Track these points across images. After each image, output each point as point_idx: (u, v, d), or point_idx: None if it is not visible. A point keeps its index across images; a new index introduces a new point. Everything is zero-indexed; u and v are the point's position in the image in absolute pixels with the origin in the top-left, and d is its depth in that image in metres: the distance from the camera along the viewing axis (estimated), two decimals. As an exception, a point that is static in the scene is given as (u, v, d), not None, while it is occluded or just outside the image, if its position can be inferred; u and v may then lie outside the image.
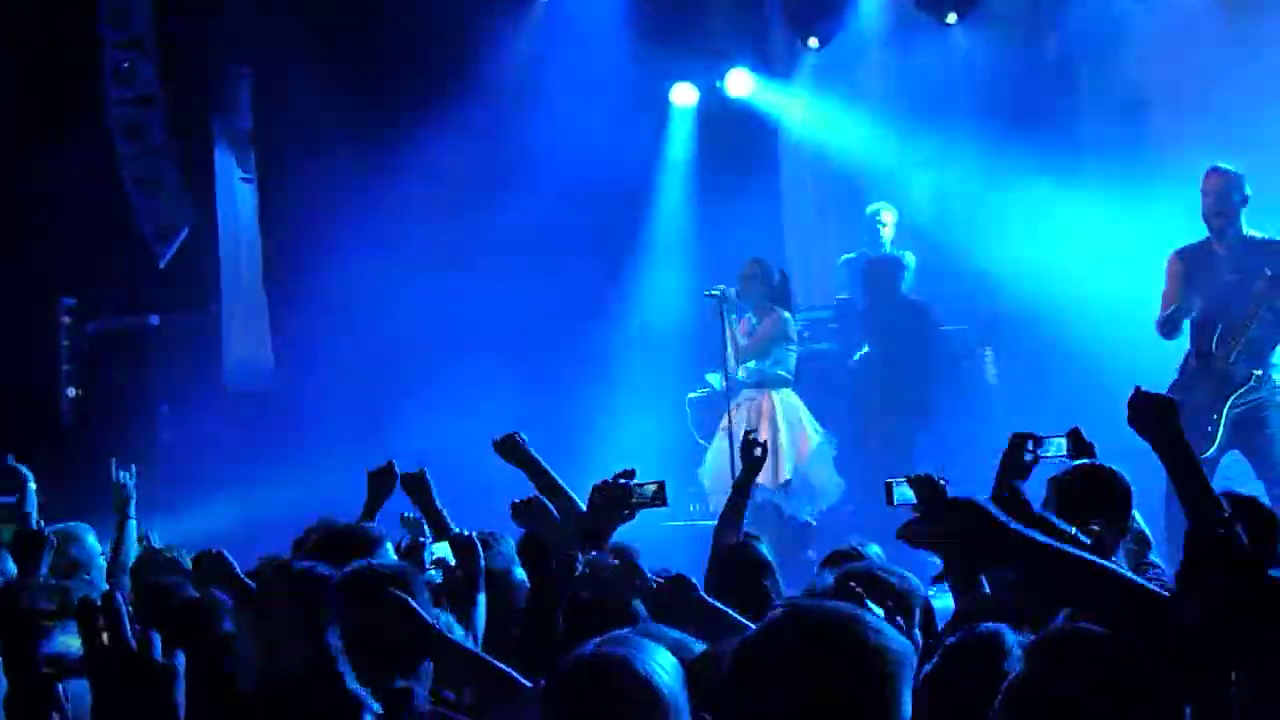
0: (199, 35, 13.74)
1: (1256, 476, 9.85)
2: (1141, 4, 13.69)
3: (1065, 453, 6.50)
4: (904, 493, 6.66)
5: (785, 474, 12.44)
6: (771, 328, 12.60)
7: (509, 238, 14.25)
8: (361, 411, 13.46)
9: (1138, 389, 4.96)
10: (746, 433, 8.13)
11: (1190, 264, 10.43)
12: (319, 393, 13.65)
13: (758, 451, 7.51)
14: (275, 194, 14.24)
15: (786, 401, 12.71)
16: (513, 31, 14.80)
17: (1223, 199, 10.23)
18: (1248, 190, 10.26)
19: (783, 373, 12.72)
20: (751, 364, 12.61)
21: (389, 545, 6.36)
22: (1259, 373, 10.05)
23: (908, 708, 3.18)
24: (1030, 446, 6.33)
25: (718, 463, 12.40)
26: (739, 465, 7.98)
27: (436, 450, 7.76)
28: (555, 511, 6.84)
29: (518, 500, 6.82)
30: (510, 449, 7.52)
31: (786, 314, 12.72)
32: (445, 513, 7.35)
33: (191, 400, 13.76)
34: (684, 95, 15.16)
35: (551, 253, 14.35)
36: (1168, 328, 10.44)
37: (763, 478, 10.73)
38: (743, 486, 7.50)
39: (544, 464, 7.40)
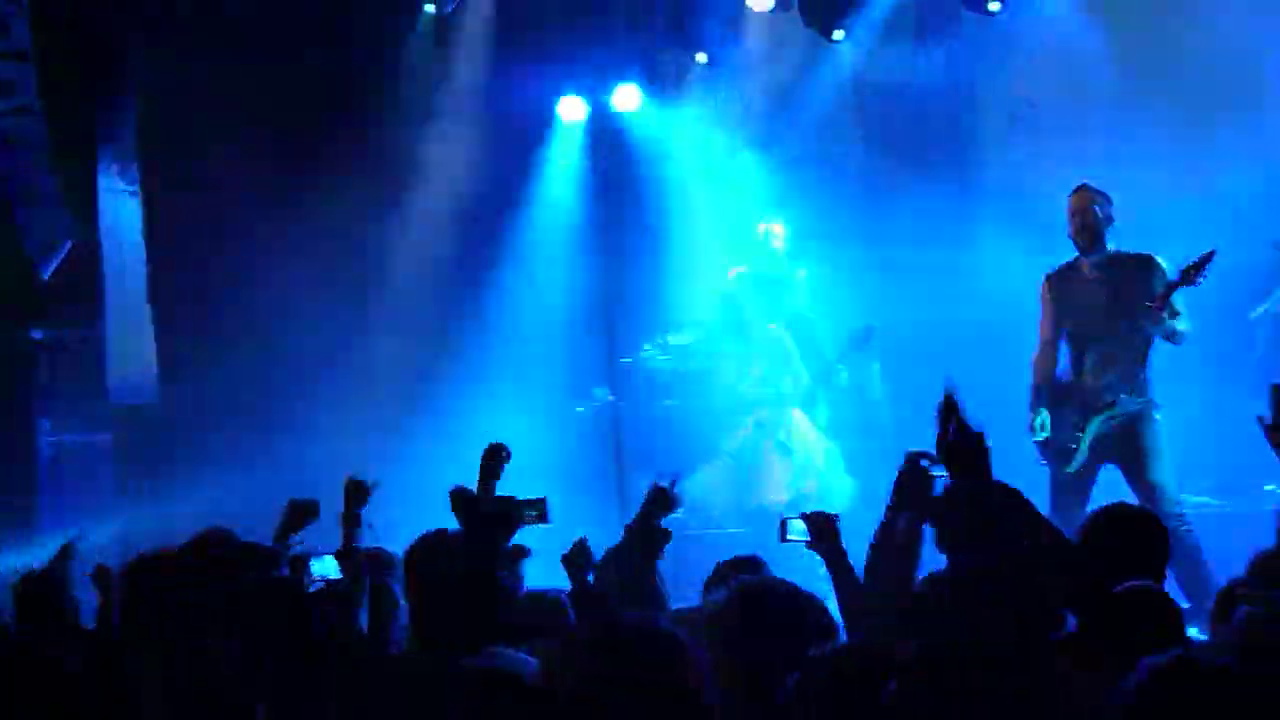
0: (81, 46, 13.58)
1: (1131, 490, 9.91)
2: (1022, 17, 13.83)
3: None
4: (797, 528, 6.67)
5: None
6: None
7: (399, 254, 14.20)
8: (247, 427, 13.33)
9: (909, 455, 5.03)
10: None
11: (1060, 286, 10.51)
12: (204, 407, 13.52)
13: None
14: (160, 208, 14.09)
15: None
16: (403, 46, 14.74)
17: (1088, 218, 10.31)
18: (1113, 209, 10.35)
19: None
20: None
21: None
22: (1128, 394, 10.14)
23: None
24: (926, 464, 6.36)
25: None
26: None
27: (322, 465, 7.68)
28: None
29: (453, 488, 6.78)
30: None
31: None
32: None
33: (74, 415, 13.61)
34: (572, 110, 15.14)
35: (439, 267, 14.29)
36: (1038, 370, 10.55)
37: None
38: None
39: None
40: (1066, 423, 10.12)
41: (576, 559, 6.50)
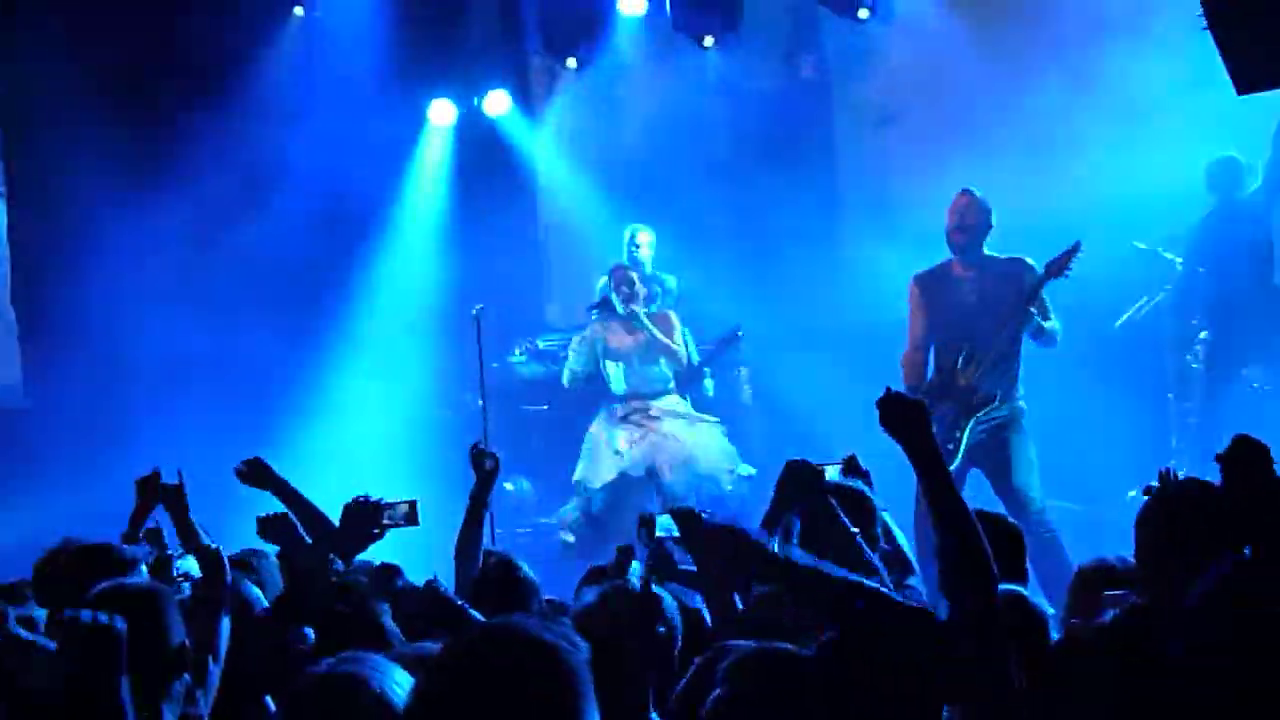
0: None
1: (995, 495, 10.00)
2: (890, 26, 13.94)
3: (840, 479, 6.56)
4: (664, 523, 6.69)
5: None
6: (678, 323, 12.80)
7: (264, 256, 14.06)
8: (109, 430, 13.16)
9: (888, 389, 5.01)
10: (474, 445, 7.76)
11: (930, 288, 10.60)
12: (67, 411, 13.36)
13: (489, 464, 7.43)
14: (24, 210, 13.92)
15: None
16: (272, 45, 14.59)
17: (968, 218, 10.40)
18: (993, 219, 10.46)
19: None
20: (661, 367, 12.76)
21: (143, 566, 6.26)
22: (1000, 393, 10.24)
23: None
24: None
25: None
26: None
27: (187, 472, 7.61)
28: (302, 529, 6.78)
29: (263, 515, 6.74)
30: (255, 473, 7.46)
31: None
32: (197, 525, 7.22)
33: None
34: (442, 113, 15.06)
35: (305, 270, 14.18)
36: (909, 371, 10.63)
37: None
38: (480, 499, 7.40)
39: (291, 485, 7.34)
40: (944, 421, 10.17)
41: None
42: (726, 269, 13.77)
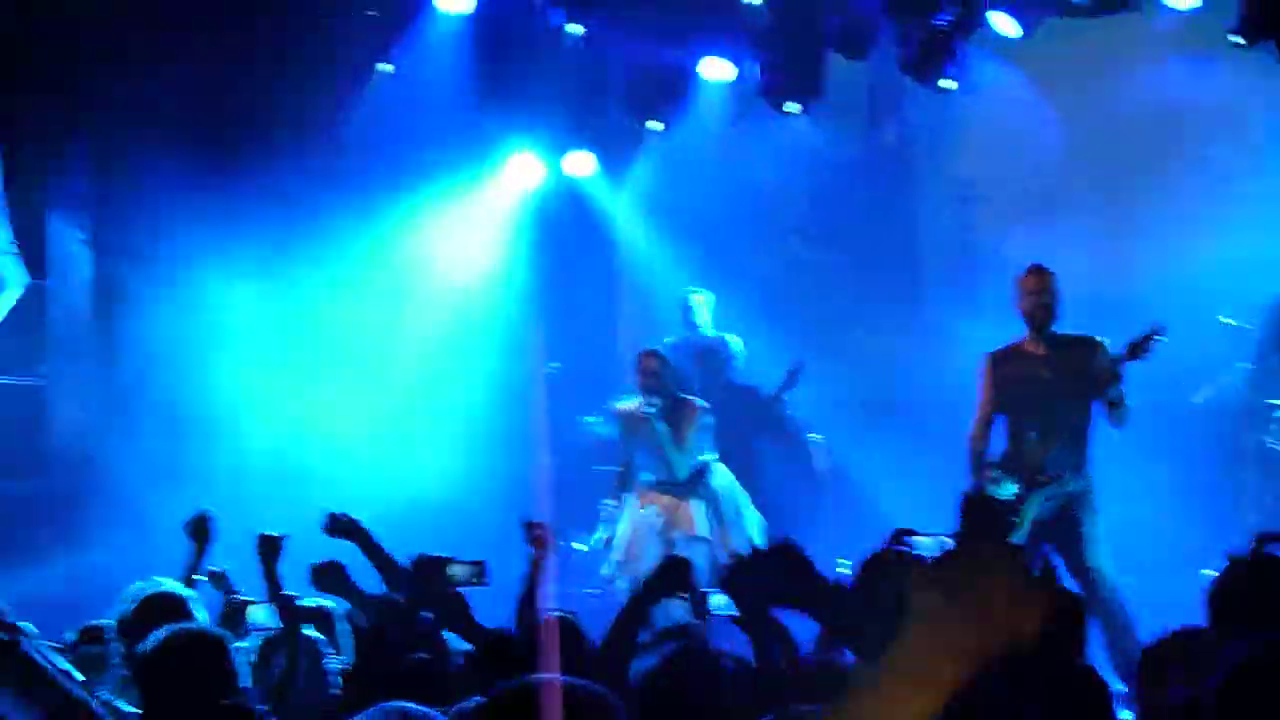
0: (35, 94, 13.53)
1: (1067, 572, 9.93)
2: (974, 98, 13.92)
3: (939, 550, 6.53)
4: (720, 603, 6.69)
5: None
6: (695, 417, 12.49)
7: (340, 313, 14.14)
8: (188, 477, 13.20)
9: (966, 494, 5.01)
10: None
11: (1002, 366, 10.58)
12: (146, 457, 13.42)
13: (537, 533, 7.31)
14: (112, 259, 14.00)
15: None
16: (357, 103, 14.67)
17: (1047, 297, 10.38)
18: (1059, 289, 10.44)
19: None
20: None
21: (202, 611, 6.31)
22: (1070, 471, 10.18)
23: None
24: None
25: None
26: None
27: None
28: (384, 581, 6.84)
29: (317, 563, 6.78)
30: (341, 526, 7.48)
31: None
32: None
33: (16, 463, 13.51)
34: (526, 172, 15.10)
35: (384, 330, 14.25)
36: (974, 447, 10.59)
37: None
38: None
39: (375, 539, 7.36)
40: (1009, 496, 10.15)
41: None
42: (801, 335, 13.77)
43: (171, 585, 6.49)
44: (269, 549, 7.11)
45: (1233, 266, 12.63)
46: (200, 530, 7.55)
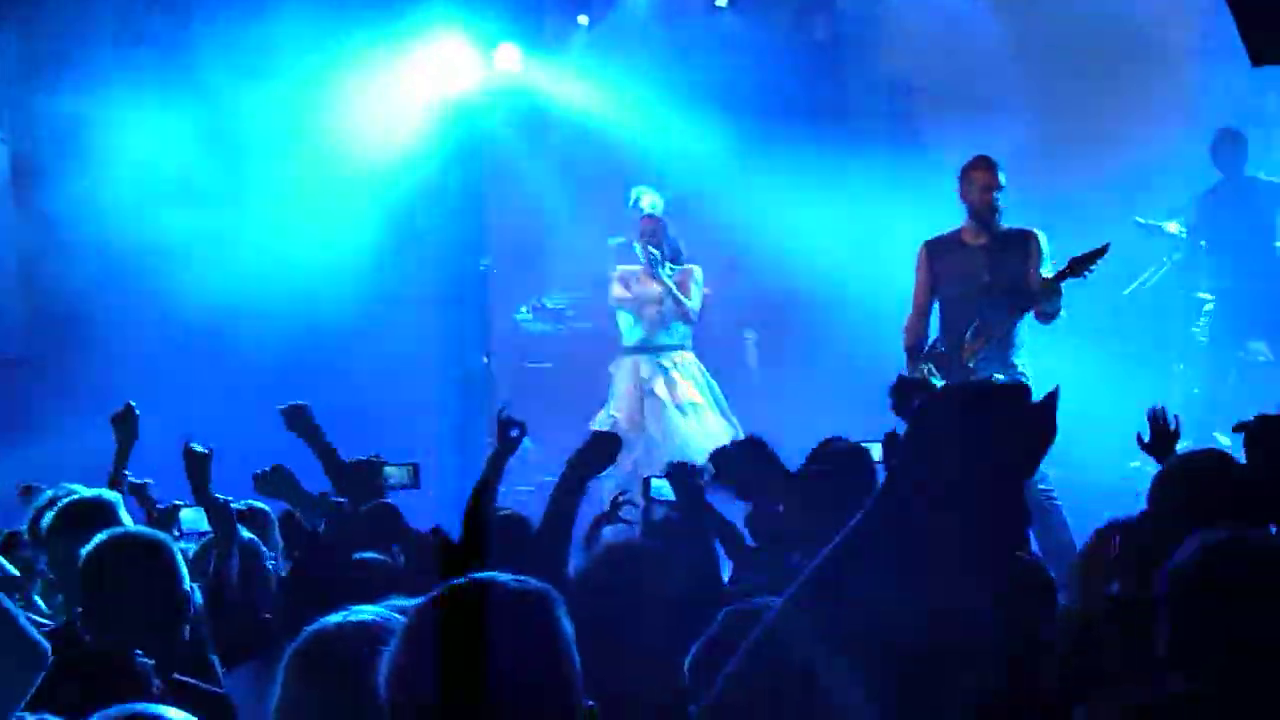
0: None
1: None
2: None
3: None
4: (661, 488, 6.71)
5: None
6: (697, 275, 12.44)
7: (275, 199, 13.97)
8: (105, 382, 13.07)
9: (900, 376, 5.02)
10: (502, 410, 7.09)
11: (940, 255, 10.55)
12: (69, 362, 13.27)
13: (515, 432, 7.13)
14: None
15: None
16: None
17: (992, 190, 10.36)
18: (1004, 180, 10.41)
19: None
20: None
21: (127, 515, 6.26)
22: (1000, 369, 10.21)
23: None
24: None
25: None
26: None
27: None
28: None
29: (259, 471, 6.74)
30: (297, 418, 7.43)
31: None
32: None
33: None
34: (456, 66, 14.94)
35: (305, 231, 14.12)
36: (909, 336, 10.62)
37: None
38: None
39: (326, 438, 7.29)
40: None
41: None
42: (733, 228, 13.76)
43: (90, 492, 6.41)
44: (197, 464, 7.02)
45: (1159, 166, 12.75)
46: (125, 424, 7.43)
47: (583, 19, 14.74)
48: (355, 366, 13.29)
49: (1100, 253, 9.87)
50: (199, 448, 6.70)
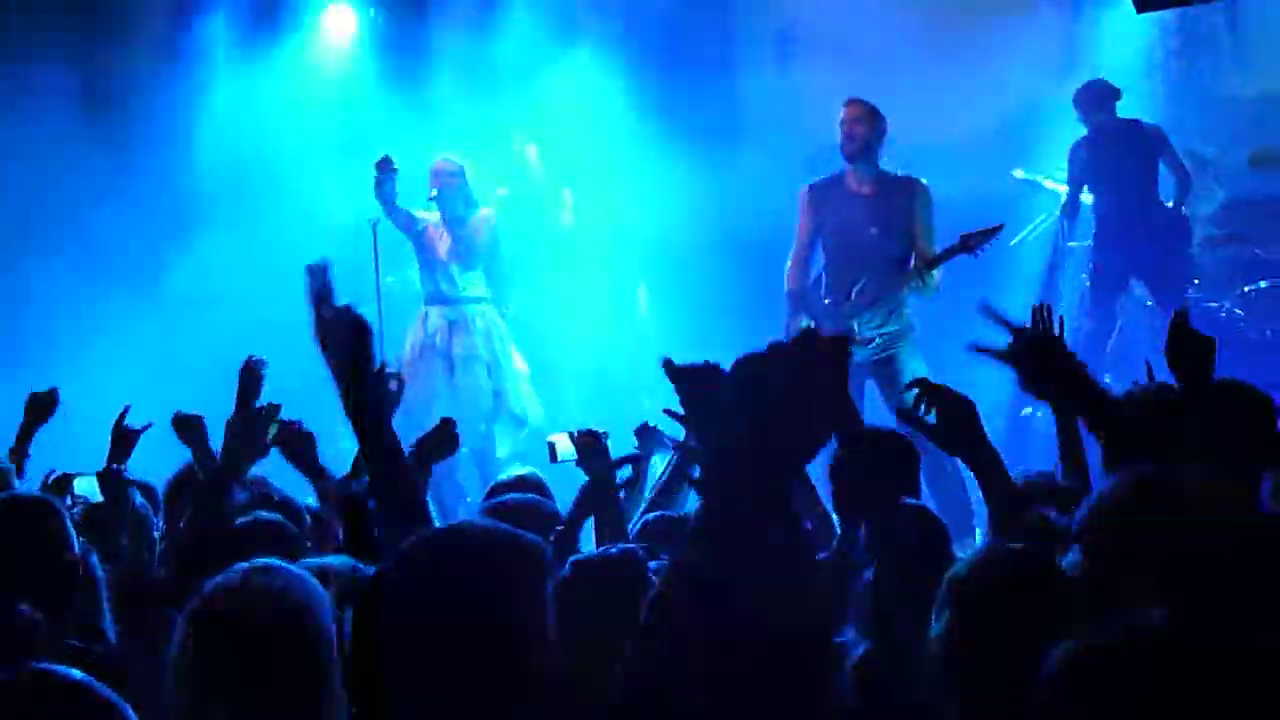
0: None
1: (887, 409, 9.96)
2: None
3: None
4: (565, 450, 6.74)
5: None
6: (488, 230, 11.92)
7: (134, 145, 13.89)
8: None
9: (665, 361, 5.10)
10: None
11: (820, 198, 10.57)
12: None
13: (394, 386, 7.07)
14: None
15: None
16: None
17: (857, 127, 10.35)
18: (885, 126, 10.41)
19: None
20: (478, 273, 11.94)
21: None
22: (888, 321, 10.25)
23: None
24: None
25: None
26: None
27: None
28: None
29: (182, 414, 6.66)
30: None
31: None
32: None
33: None
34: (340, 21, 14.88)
35: (185, 174, 14.04)
36: (791, 279, 10.64)
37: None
38: None
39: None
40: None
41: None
42: (618, 176, 13.73)
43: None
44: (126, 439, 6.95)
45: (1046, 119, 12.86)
46: (39, 405, 7.40)
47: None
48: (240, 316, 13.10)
49: (993, 231, 9.92)
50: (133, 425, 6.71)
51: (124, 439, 6.89)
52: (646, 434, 7.03)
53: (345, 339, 4.29)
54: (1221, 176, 13.60)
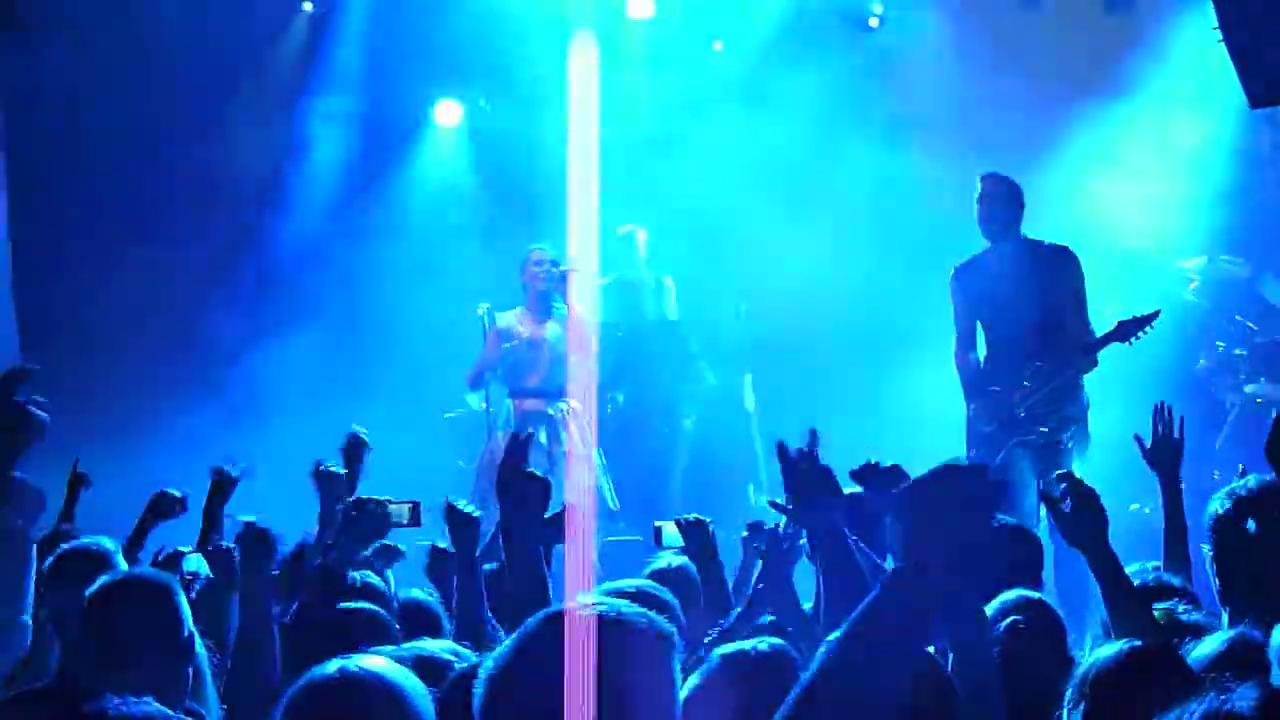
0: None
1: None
2: (903, 37, 13.98)
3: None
4: (671, 536, 6.74)
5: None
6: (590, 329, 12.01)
7: (264, 249, 14.09)
8: (108, 420, 13.05)
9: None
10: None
11: (968, 279, 10.50)
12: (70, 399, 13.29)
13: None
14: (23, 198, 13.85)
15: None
16: (275, 44, 14.54)
17: (990, 202, 10.30)
18: (1022, 197, 10.35)
19: None
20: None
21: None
22: (1066, 412, 10.14)
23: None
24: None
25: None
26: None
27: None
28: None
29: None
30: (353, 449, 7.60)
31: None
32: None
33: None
34: (448, 114, 15.05)
35: (309, 276, 14.20)
36: (963, 371, 10.55)
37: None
38: None
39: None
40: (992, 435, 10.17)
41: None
42: (733, 271, 13.75)
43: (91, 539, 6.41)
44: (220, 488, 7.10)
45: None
46: (159, 507, 7.55)
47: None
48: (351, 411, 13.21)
49: (1150, 319, 9.85)
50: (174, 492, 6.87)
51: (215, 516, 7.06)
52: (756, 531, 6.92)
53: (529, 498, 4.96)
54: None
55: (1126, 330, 9.86)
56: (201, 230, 14.07)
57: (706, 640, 5.39)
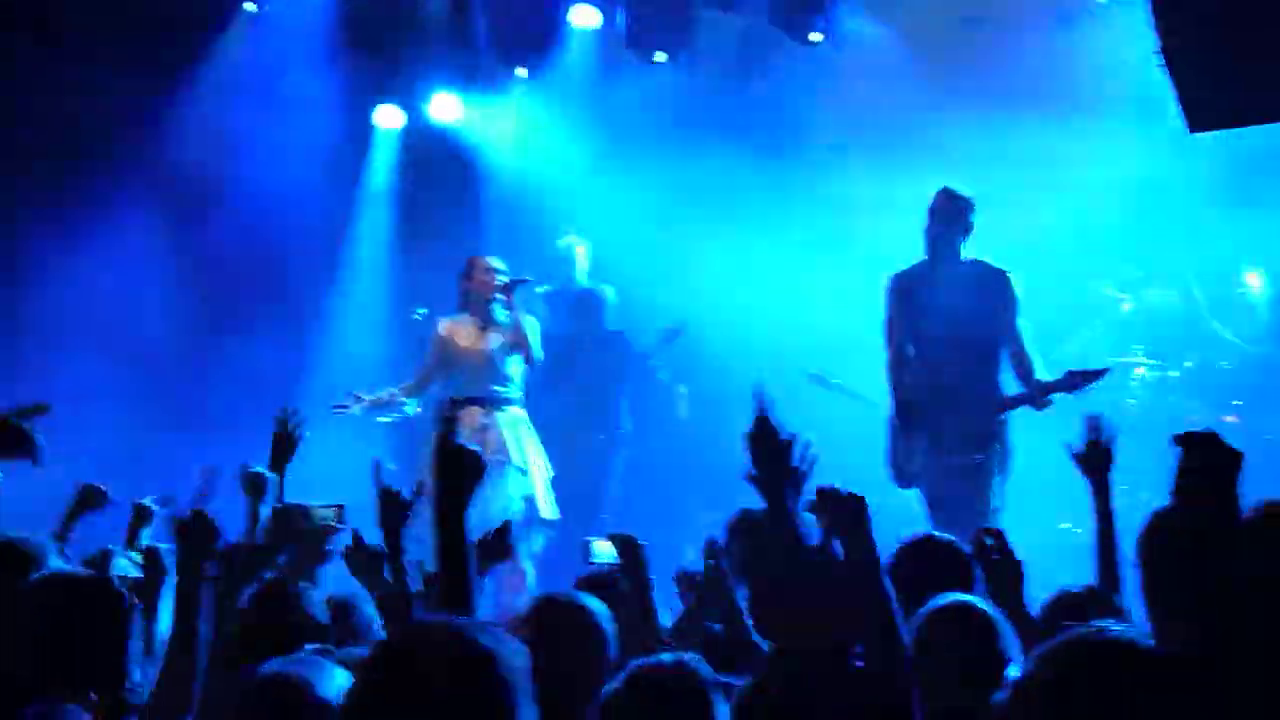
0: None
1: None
2: (840, 51, 14.00)
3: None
4: (601, 552, 6.72)
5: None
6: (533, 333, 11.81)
7: (210, 257, 14.03)
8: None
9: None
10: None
11: (909, 288, 10.50)
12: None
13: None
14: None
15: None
16: (219, 40, 14.47)
17: (938, 216, 10.32)
18: (973, 216, 10.37)
19: None
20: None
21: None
22: (979, 457, 10.18)
23: None
24: None
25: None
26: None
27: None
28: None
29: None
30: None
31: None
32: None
33: None
34: (388, 118, 15.03)
35: (248, 277, 14.11)
36: (894, 375, 10.56)
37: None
38: None
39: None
40: (916, 450, 10.21)
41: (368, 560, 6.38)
42: (674, 283, 13.76)
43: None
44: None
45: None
46: (85, 499, 7.52)
47: (521, 71, 14.74)
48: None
49: (1099, 374, 9.91)
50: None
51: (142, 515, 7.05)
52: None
53: (464, 476, 4.61)
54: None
55: (1074, 382, 9.89)
56: (136, 230, 13.93)
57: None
